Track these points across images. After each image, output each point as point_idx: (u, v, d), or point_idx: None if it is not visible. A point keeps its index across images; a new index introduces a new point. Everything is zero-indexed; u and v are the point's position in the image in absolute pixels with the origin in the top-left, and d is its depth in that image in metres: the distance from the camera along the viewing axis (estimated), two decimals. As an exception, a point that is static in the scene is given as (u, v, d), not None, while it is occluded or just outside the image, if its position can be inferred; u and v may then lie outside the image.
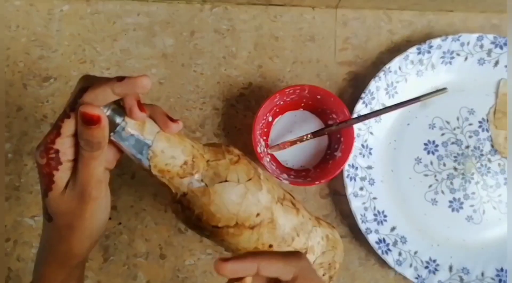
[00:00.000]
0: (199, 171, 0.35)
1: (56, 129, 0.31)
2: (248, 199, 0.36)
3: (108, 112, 0.31)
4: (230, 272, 0.27)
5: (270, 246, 0.39)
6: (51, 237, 0.33)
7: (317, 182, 0.49)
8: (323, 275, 0.44)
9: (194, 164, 0.35)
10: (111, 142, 0.32)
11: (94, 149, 0.30)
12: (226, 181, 0.36)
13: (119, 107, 0.32)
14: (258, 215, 0.37)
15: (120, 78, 0.30)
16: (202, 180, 0.35)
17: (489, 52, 0.54)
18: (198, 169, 0.35)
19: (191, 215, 0.36)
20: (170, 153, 0.34)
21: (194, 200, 0.35)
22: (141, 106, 0.32)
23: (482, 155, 0.55)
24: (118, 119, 0.32)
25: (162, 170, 0.34)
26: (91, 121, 0.29)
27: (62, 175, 0.31)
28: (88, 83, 0.31)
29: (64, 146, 0.31)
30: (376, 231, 0.52)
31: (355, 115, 0.52)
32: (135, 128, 0.32)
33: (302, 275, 0.29)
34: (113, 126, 0.31)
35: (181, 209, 0.36)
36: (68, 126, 0.30)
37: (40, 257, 0.34)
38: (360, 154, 0.54)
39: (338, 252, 0.46)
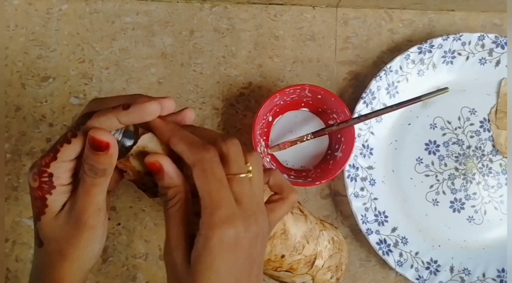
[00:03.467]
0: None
1: (53, 153, 0.29)
2: None
3: (119, 137, 0.29)
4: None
5: (283, 256, 0.39)
6: (41, 263, 0.31)
7: (317, 182, 0.49)
8: (331, 278, 0.44)
9: None
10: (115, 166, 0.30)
11: (98, 176, 0.28)
12: None
13: (133, 128, 0.30)
14: None
15: (126, 107, 0.28)
16: None
17: (490, 52, 0.54)
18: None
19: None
20: None
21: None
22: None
23: (483, 155, 0.54)
24: (128, 143, 0.29)
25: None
26: (99, 147, 0.27)
27: (55, 198, 0.29)
28: (94, 107, 0.29)
29: (59, 170, 0.29)
30: (377, 232, 0.52)
31: (355, 115, 0.52)
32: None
33: (201, 168, 0.28)
34: (122, 150, 0.29)
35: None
36: (67, 152, 0.29)
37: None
38: (361, 154, 0.53)
39: (344, 254, 0.46)
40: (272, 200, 0.33)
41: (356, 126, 0.51)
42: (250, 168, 0.29)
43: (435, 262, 0.53)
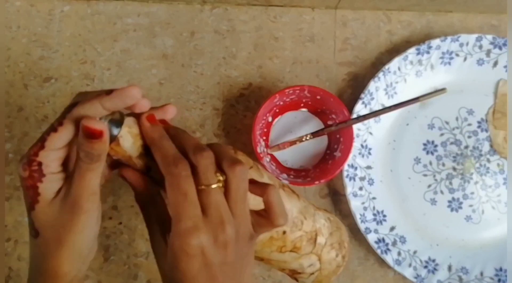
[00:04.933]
0: None
1: (40, 142, 0.30)
2: None
3: (106, 124, 0.30)
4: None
5: (284, 232, 0.39)
6: (38, 254, 0.31)
7: (316, 182, 0.49)
8: (336, 256, 0.44)
9: None
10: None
11: (94, 161, 0.30)
12: None
13: (119, 116, 0.31)
14: None
15: (109, 92, 0.29)
16: None
17: (488, 53, 0.54)
18: None
19: None
20: None
21: None
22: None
23: (481, 155, 0.55)
24: (115, 131, 0.31)
25: None
26: (93, 135, 0.29)
27: (47, 186, 0.30)
28: (79, 98, 0.30)
29: (48, 159, 0.30)
30: (376, 231, 0.53)
31: (354, 116, 0.52)
32: (131, 140, 0.32)
33: (169, 181, 0.30)
34: (113, 137, 0.31)
35: None
36: (53, 140, 0.30)
37: (31, 278, 0.32)
38: (360, 154, 0.54)
39: (343, 231, 0.46)
40: (260, 215, 0.34)
41: (355, 127, 0.52)
42: (221, 178, 0.31)
43: (433, 261, 0.53)
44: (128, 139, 0.32)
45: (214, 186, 0.30)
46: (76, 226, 0.30)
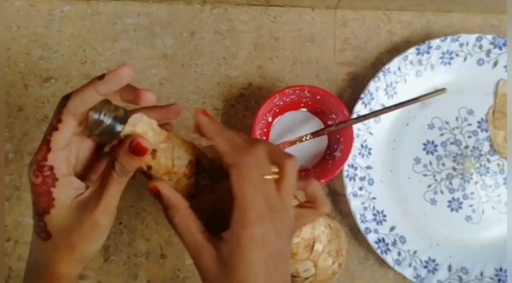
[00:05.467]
0: (204, 169, 0.35)
1: (45, 145, 0.29)
2: None
3: (109, 121, 0.30)
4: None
5: None
6: (44, 256, 0.31)
7: (316, 182, 0.49)
8: (333, 263, 0.44)
9: (198, 163, 0.35)
10: None
11: (125, 175, 0.30)
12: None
13: (124, 113, 0.31)
14: None
15: (101, 77, 0.29)
16: (208, 178, 0.35)
17: (488, 53, 0.54)
18: (202, 167, 0.35)
19: (203, 214, 0.36)
20: (175, 154, 0.33)
21: (204, 199, 0.35)
22: (141, 90, 0.31)
23: (481, 155, 0.55)
24: (119, 128, 0.30)
25: (170, 171, 0.33)
26: (140, 152, 0.29)
27: (61, 191, 0.30)
28: (64, 101, 0.30)
29: (57, 160, 0.29)
30: (375, 231, 0.52)
31: (354, 116, 0.52)
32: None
33: (239, 170, 0.30)
34: (113, 133, 0.30)
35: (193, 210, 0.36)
36: (58, 139, 0.29)
37: (28, 278, 0.32)
38: (360, 154, 0.54)
39: (342, 239, 0.46)
40: (304, 206, 0.34)
41: (355, 127, 0.52)
42: (275, 170, 0.31)
43: (433, 261, 0.53)
44: None
45: (269, 177, 0.31)
46: (90, 238, 0.31)
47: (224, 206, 0.35)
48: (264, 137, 0.53)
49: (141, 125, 0.31)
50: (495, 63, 0.55)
